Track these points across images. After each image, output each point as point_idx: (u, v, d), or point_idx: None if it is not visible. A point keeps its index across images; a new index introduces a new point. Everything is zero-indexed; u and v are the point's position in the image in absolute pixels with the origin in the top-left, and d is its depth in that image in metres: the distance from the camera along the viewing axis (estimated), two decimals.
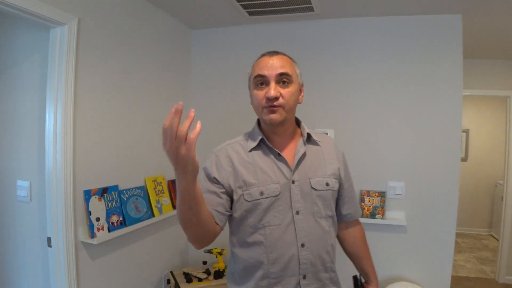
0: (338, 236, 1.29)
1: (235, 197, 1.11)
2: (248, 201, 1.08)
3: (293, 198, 1.09)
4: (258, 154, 1.14)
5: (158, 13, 2.40)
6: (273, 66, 1.06)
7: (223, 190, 1.10)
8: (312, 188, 1.11)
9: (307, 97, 1.51)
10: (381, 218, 2.36)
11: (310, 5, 2.23)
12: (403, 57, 2.36)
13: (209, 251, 2.45)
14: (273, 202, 1.08)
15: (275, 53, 1.11)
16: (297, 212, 1.09)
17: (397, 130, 2.38)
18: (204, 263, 2.50)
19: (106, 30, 1.94)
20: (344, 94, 2.48)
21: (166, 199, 2.36)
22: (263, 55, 1.12)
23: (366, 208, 2.40)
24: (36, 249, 1.81)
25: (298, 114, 1.20)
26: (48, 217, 1.71)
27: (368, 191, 2.42)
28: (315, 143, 1.20)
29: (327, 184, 1.14)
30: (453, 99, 2.28)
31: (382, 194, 2.38)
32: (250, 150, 1.14)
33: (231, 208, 1.13)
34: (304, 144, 1.16)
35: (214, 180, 1.11)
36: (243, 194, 1.09)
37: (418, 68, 2.34)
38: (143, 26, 2.25)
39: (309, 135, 1.18)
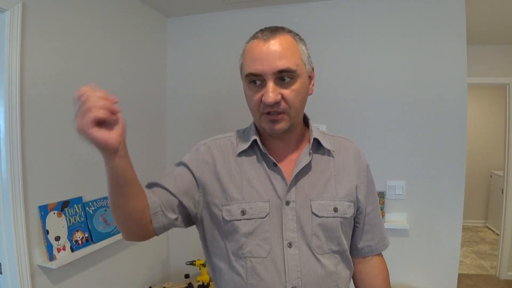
0: (352, 276, 0.98)
1: (204, 213, 0.88)
2: (227, 221, 0.84)
3: (286, 225, 0.82)
4: (249, 160, 0.88)
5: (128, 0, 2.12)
6: (270, 57, 0.77)
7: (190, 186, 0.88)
8: (313, 213, 0.84)
9: None
10: None
11: None
12: (402, 43, 2.12)
13: (192, 263, 2.20)
14: (258, 226, 0.82)
15: (272, 34, 0.80)
16: (289, 244, 0.81)
17: (396, 124, 2.15)
18: (186, 276, 2.24)
19: (59, 18, 1.65)
20: (336, 85, 2.23)
21: None
22: (255, 37, 0.82)
23: None
24: None
25: None
26: None
27: None
28: (326, 152, 0.92)
29: (336, 210, 0.86)
30: (457, 87, 2.06)
31: (380, 195, 2.16)
32: (240, 153, 0.89)
33: (182, 221, 0.89)
34: (309, 153, 0.88)
35: (186, 167, 0.90)
36: (222, 211, 0.84)
37: (419, 54, 2.11)
38: (109, 14, 1.96)
39: (317, 142, 0.90)
